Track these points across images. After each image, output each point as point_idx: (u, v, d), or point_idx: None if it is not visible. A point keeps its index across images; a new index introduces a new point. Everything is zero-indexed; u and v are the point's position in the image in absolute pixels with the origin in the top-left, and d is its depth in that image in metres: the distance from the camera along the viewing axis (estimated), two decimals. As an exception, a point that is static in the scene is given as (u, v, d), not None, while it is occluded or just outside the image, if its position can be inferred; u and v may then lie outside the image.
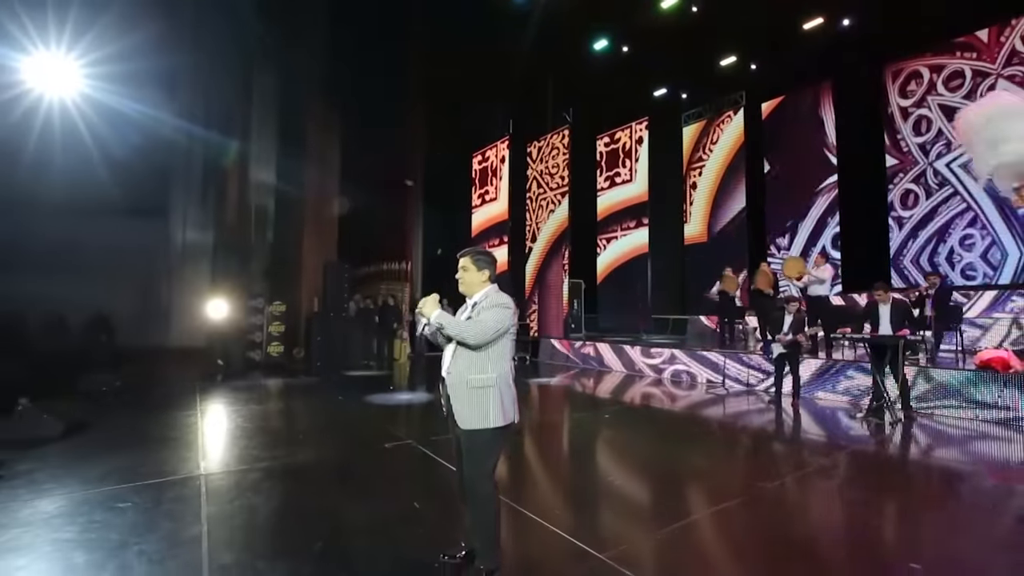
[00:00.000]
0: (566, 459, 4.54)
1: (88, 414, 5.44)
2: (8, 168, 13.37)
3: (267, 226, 12.37)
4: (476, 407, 2.19)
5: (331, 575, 2.31)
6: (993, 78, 8.62)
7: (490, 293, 2.36)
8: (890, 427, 5.28)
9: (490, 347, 2.22)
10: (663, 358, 9.03)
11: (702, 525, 2.90)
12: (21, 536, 2.63)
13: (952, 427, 5.32)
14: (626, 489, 3.60)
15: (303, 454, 4.27)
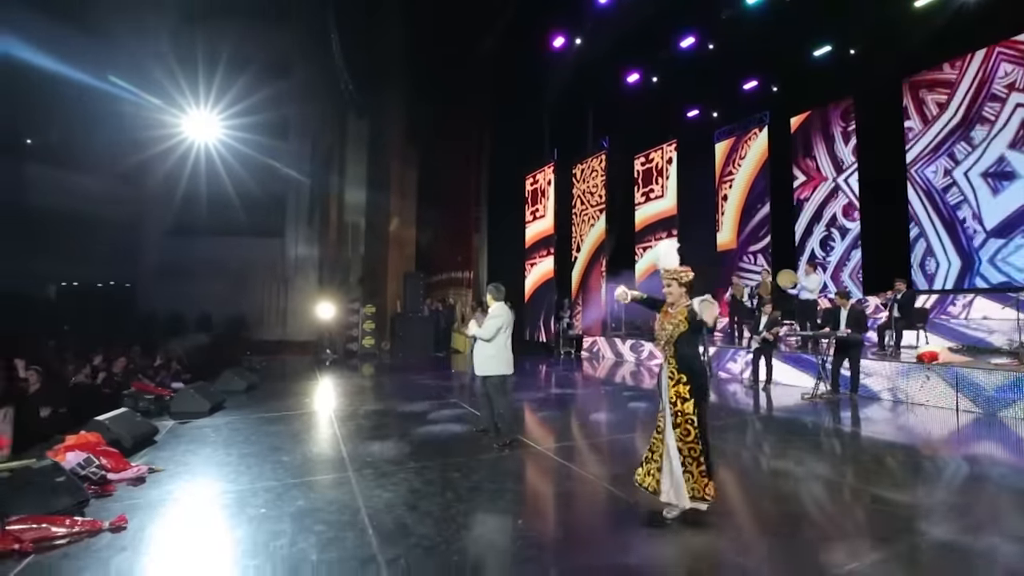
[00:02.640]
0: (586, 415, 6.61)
1: (253, 381, 8.30)
2: (169, 200, 17.60)
3: (360, 243, 15.36)
4: (487, 365, 4.54)
5: (414, 452, 4.61)
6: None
7: (493, 309, 4.63)
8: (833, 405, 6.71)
9: (496, 338, 4.54)
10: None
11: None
12: (239, 427, 5.23)
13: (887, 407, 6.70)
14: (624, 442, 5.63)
15: (383, 404, 6.71)
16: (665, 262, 3.16)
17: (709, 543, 2.78)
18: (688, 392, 2.98)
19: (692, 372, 3.01)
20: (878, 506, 3.30)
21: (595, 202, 13.84)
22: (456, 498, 3.45)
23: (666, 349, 3.08)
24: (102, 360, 6.54)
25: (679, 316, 3.01)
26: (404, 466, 4.15)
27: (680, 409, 2.98)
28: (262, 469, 4.08)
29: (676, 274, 3.09)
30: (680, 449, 2.97)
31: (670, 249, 3.18)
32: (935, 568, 2.57)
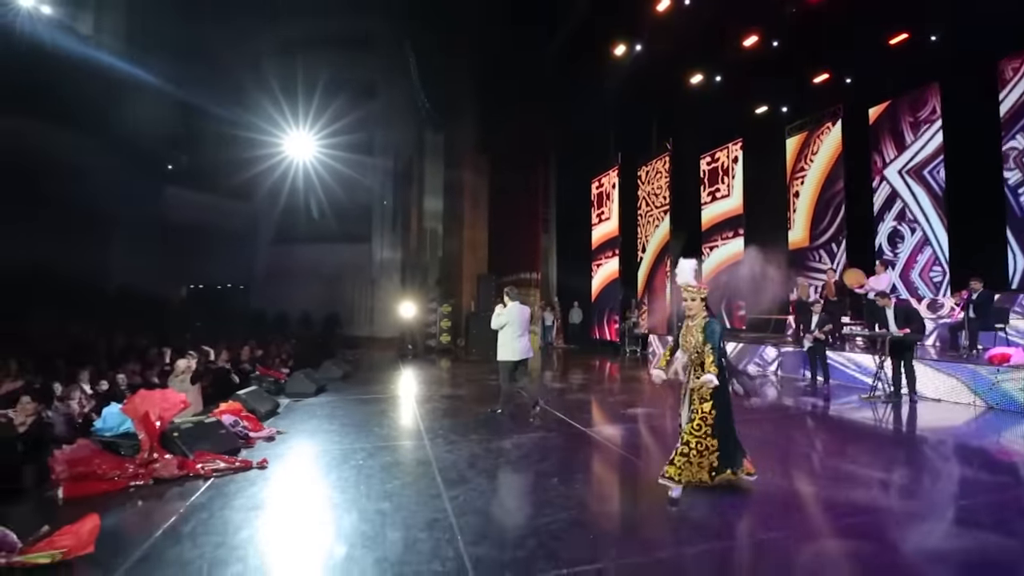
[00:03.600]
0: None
1: (348, 370, 9.67)
2: (271, 212, 19.97)
3: (437, 247, 16.69)
4: (502, 351, 5.55)
5: (477, 428, 5.53)
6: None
7: (507, 307, 5.80)
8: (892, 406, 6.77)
9: (504, 328, 5.49)
10: (763, 353, 10.60)
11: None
12: (338, 405, 6.40)
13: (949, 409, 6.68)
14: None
15: (454, 391, 7.70)
16: (684, 279, 3.57)
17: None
18: (708, 394, 3.34)
19: (718, 376, 3.33)
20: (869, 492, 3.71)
21: (659, 203, 14.14)
22: (506, 461, 4.29)
23: (693, 357, 3.48)
24: (231, 350, 8.09)
25: (699, 329, 3.43)
26: (467, 438, 5.05)
27: (698, 408, 3.36)
28: (358, 435, 5.16)
29: (694, 291, 3.49)
30: (688, 441, 3.32)
31: (688, 267, 3.59)
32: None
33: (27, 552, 2.52)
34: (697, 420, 3.32)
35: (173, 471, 3.73)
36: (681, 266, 3.63)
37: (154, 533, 2.94)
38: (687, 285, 3.53)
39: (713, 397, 3.32)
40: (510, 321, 5.78)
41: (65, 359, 8.09)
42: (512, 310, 5.82)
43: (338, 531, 2.98)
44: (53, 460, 3.38)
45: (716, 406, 3.33)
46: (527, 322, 5.93)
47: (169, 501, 3.43)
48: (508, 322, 5.78)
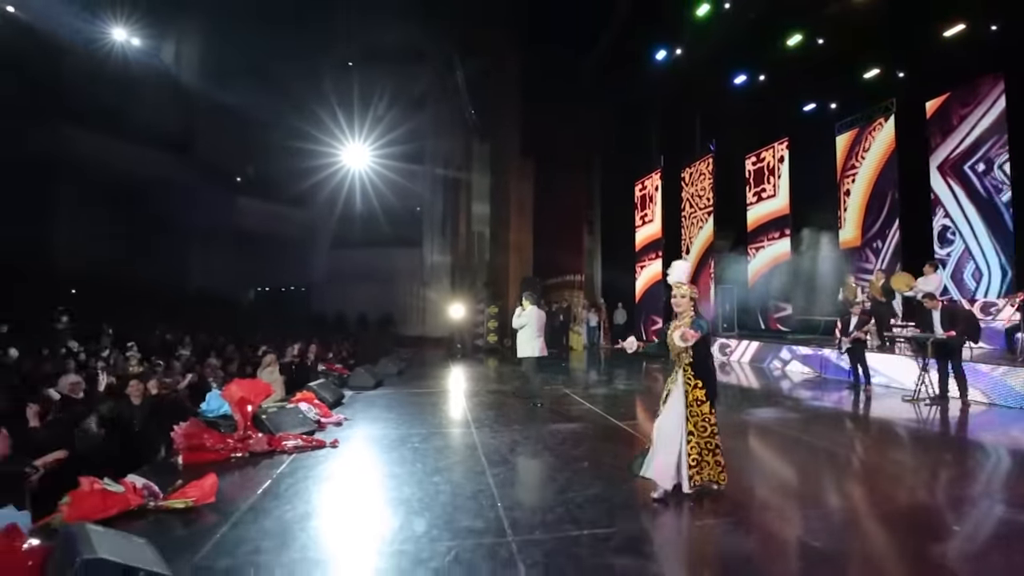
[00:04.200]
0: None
1: (402, 366, 10.46)
2: (329, 217, 21.26)
3: (485, 251, 17.38)
4: (522, 349, 6.14)
5: (520, 419, 6.09)
6: None
7: (526, 309, 6.33)
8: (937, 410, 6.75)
9: (524, 329, 6.05)
10: (801, 354, 10.59)
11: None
12: (396, 397, 7.10)
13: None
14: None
15: (500, 386, 8.28)
16: (675, 278, 3.64)
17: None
18: (704, 395, 3.41)
19: (707, 377, 3.44)
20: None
21: (703, 205, 14.22)
22: (544, 447, 4.81)
23: (682, 357, 3.47)
24: (299, 347, 9.02)
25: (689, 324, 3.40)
26: (510, 427, 5.62)
27: (698, 411, 3.40)
28: (413, 423, 5.83)
29: (685, 288, 3.55)
30: (698, 444, 3.39)
31: (681, 267, 3.68)
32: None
33: (168, 499, 3.28)
34: (700, 423, 3.39)
35: (263, 447, 4.50)
36: (674, 266, 3.71)
37: (255, 492, 3.67)
38: (678, 283, 3.57)
39: (708, 399, 3.42)
40: (529, 322, 6.45)
41: (160, 352, 9.29)
42: (531, 313, 6.48)
43: (399, 497, 3.61)
44: (174, 434, 4.21)
45: (712, 405, 3.43)
46: (543, 324, 6.65)
47: (262, 470, 4.18)
48: (527, 323, 6.45)
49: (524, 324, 6.49)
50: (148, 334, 11.98)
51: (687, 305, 3.54)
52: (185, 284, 19.57)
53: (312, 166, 18.42)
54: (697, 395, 3.40)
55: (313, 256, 22.19)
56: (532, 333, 6.48)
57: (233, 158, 20.48)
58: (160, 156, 17.50)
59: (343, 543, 2.98)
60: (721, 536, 3.09)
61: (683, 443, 3.40)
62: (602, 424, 5.82)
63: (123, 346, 9.85)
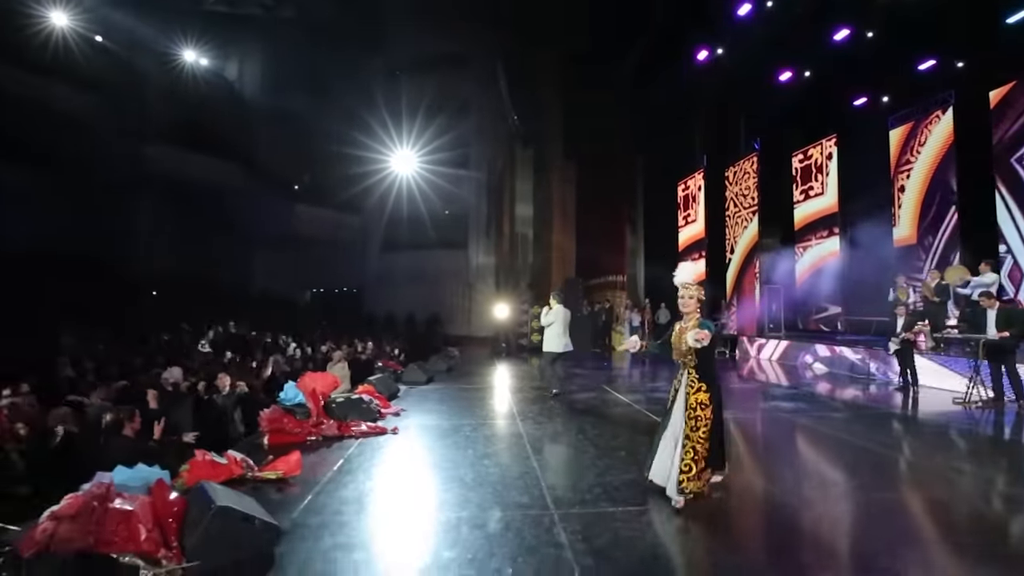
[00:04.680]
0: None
1: (451, 364, 11.04)
2: (379, 221, 22.17)
3: (528, 252, 17.82)
4: (548, 344, 6.69)
5: (561, 412, 6.50)
6: None
7: (553, 308, 6.85)
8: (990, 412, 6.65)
9: (551, 326, 6.53)
10: (858, 355, 10.43)
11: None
12: (446, 392, 7.64)
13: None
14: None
15: (543, 383, 8.67)
16: (682, 279, 3.60)
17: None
18: (708, 399, 3.37)
19: (711, 380, 3.41)
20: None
21: (748, 204, 14.14)
22: (584, 438, 5.20)
23: (687, 360, 3.45)
24: (359, 345, 9.75)
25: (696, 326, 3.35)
26: (553, 420, 6.03)
27: (700, 414, 3.36)
28: (463, 415, 6.34)
29: (692, 288, 3.51)
30: (693, 449, 3.32)
31: (687, 268, 3.68)
32: None
33: (262, 470, 3.88)
34: (702, 428, 3.35)
35: (334, 431, 5.10)
36: (680, 267, 3.69)
37: (332, 468, 4.25)
38: (684, 283, 3.55)
39: (712, 401, 3.38)
40: (556, 320, 6.98)
41: (233, 349, 10.25)
42: (558, 311, 7.02)
43: (454, 475, 4.09)
44: (260, 418, 4.86)
45: (715, 410, 3.40)
46: (569, 322, 7.16)
47: (334, 451, 4.77)
48: (554, 321, 6.99)
49: (552, 322, 7.04)
50: (222, 332, 13.09)
51: (694, 306, 3.49)
52: (249, 286, 20.98)
53: (362, 172, 19.34)
54: (700, 399, 3.37)
55: (364, 259, 23.22)
56: (558, 331, 7.03)
57: (292, 167, 21.78)
58: (227, 167, 18.85)
59: (410, 509, 3.49)
60: (749, 513, 3.40)
61: (679, 447, 3.37)
62: (642, 420, 6.13)
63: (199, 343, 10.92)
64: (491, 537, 3.02)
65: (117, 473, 2.74)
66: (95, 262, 17.49)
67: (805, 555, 2.93)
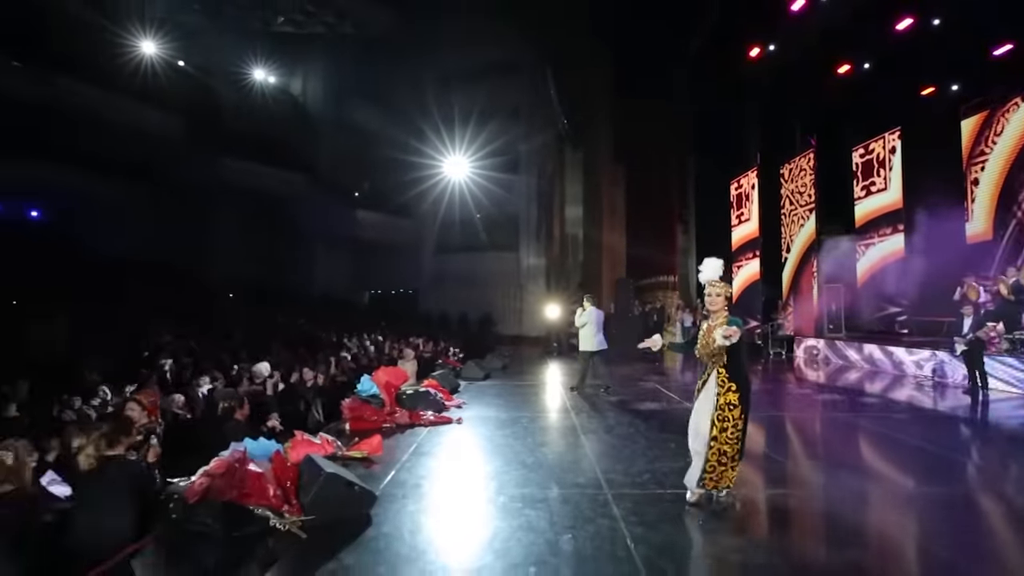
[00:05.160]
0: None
1: (505, 362, 11.54)
2: (432, 224, 22.99)
3: (579, 253, 18.13)
4: (583, 344, 7.10)
5: (613, 407, 6.85)
6: None
7: (586, 310, 7.30)
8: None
9: (585, 327, 6.98)
10: (921, 357, 10.20)
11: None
12: (502, 387, 8.12)
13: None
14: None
15: (594, 381, 9.01)
16: (708, 276, 3.53)
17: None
18: (737, 399, 3.32)
19: (740, 380, 3.35)
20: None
21: (804, 202, 13.88)
22: (636, 431, 5.54)
23: (715, 360, 3.37)
24: (422, 343, 10.44)
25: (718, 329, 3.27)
26: (604, 413, 6.40)
27: (729, 415, 3.31)
28: (520, 408, 6.81)
29: (719, 286, 3.44)
30: (719, 450, 3.32)
31: (714, 265, 3.56)
32: None
33: (349, 450, 4.49)
34: (731, 428, 3.31)
35: (406, 420, 5.69)
36: (706, 264, 3.62)
37: (408, 451, 4.82)
38: (711, 281, 3.48)
39: (741, 402, 3.33)
40: (589, 321, 7.48)
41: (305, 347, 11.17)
42: (590, 313, 7.51)
43: (515, 459, 4.55)
44: (343, 406, 5.51)
45: (744, 411, 3.34)
46: (602, 322, 7.65)
47: (407, 436, 5.35)
48: (587, 322, 7.48)
49: (585, 323, 7.55)
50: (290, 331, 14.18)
51: (722, 304, 3.43)
52: (312, 288, 22.36)
53: (417, 178, 20.21)
54: (730, 399, 3.32)
55: (419, 261, 24.17)
56: (592, 330, 7.54)
57: (352, 175, 23.03)
58: (292, 176, 20.19)
59: (478, 485, 3.98)
60: (801, 507, 3.67)
61: (705, 448, 3.36)
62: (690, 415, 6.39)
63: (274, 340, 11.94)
64: (551, 509, 3.45)
65: (247, 444, 3.37)
66: (178, 268, 19.24)
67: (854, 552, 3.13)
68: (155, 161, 17.96)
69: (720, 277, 3.51)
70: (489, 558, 2.81)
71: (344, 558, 2.81)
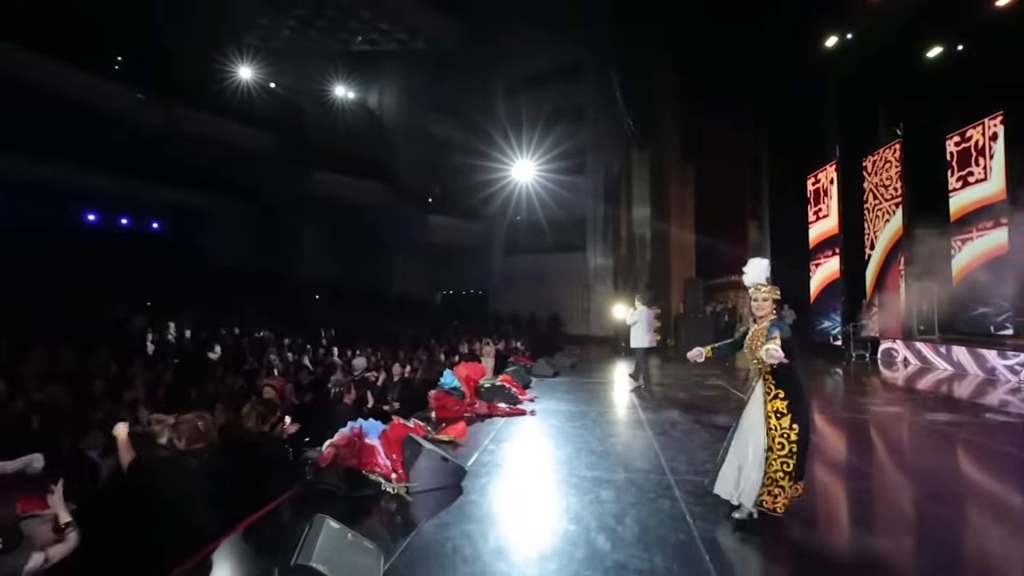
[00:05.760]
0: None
1: (574, 360, 11.97)
2: (500, 226, 23.73)
3: (646, 253, 18.16)
4: (634, 341, 7.59)
5: (681, 404, 7.15)
6: None
7: (637, 309, 7.82)
8: None
9: (636, 324, 7.53)
10: (1019, 361, 9.55)
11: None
12: (572, 384, 8.57)
13: None
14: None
15: (665, 380, 9.26)
16: (753, 279, 3.42)
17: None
18: (785, 407, 3.10)
19: (790, 387, 3.14)
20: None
21: (889, 195, 13.22)
22: (701, 426, 5.84)
23: (763, 365, 3.14)
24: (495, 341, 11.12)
25: (763, 334, 3.16)
26: (671, 410, 6.71)
27: (776, 424, 3.11)
28: (588, 403, 7.26)
29: (766, 291, 3.32)
30: (778, 462, 3.08)
31: (759, 267, 3.46)
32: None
33: (438, 435, 5.15)
34: (779, 439, 3.10)
35: (484, 411, 6.32)
36: (751, 265, 3.48)
37: (488, 437, 5.43)
38: (757, 285, 3.37)
39: (791, 410, 3.12)
40: (640, 320, 8.11)
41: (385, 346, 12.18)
42: (641, 312, 8.15)
43: (585, 446, 5.03)
44: (430, 397, 6.22)
45: (797, 419, 3.11)
46: (652, 320, 8.34)
47: (487, 425, 5.97)
48: (639, 320, 8.11)
49: (636, 321, 8.19)
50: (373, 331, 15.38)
51: (769, 308, 3.28)
52: (389, 290, 23.84)
53: (486, 182, 21.02)
54: (777, 406, 3.12)
55: (488, 263, 25.06)
56: (643, 328, 8.16)
57: (425, 181, 24.31)
58: (371, 185, 21.65)
59: (552, 467, 4.50)
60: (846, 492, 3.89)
61: (761, 460, 3.14)
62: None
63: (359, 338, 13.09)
64: (618, 488, 3.91)
65: (361, 423, 4.08)
66: (274, 272, 21.24)
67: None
68: (252, 177, 20.00)
69: (767, 279, 3.40)
70: (564, 523, 3.32)
71: (442, 517, 3.42)
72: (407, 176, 23.41)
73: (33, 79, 12.98)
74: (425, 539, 3.11)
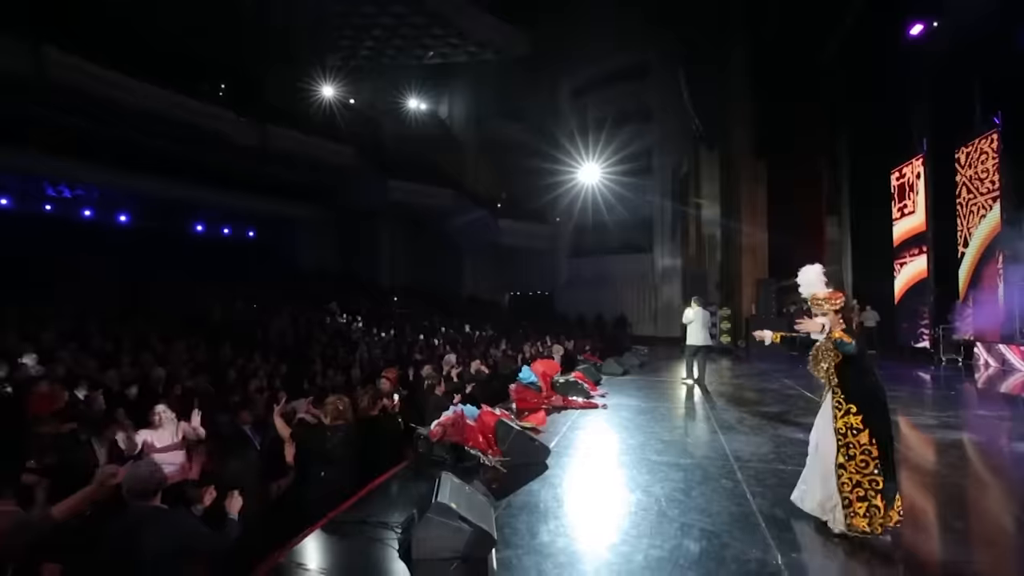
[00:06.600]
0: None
1: (642, 360, 12.36)
2: (567, 229, 24.23)
3: (716, 253, 18.10)
4: (690, 339, 8.11)
5: (748, 402, 7.49)
6: None
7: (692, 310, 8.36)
8: None
9: (692, 324, 8.04)
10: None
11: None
12: (639, 382, 9.04)
13: None
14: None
15: (735, 380, 9.50)
16: (808, 289, 3.32)
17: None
18: (861, 422, 2.94)
19: (863, 400, 2.98)
20: None
21: (985, 189, 12.56)
22: (768, 423, 6.19)
23: (829, 378, 3.07)
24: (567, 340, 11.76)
25: (828, 351, 3.05)
26: (739, 408, 7.08)
27: (852, 440, 2.95)
28: (658, 400, 7.75)
29: (823, 302, 3.16)
30: (850, 480, 2.94)
31: (812, 274, 3.37)
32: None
33: (521, 422, 5.86)
34: (859, 456, 2.94)
35: (559, 403, 6.99)
36: (802, 274, 3.39)
37: (565, 426, 6.10)
38: (814, 296, 3.22)
39: (867, 424, 2.95)
40: (695, 319, 8.64)
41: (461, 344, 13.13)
42: (696, 312, 8.69)
43: (653, 436, 5.58)
44: (511, 390, 6.97)
45: (876, 434, 2.94)
46: (707, 321, 8.98)
47: (563, 416, 6.63)
48: (694, 320, 8.64)
49: (691, 320, 8.78)
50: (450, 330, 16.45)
51: (835, 319, 3.11)
52: (460, 291, 25.03)
53: (552, 184, 21.63)
54: (851, 422, 2.97)
55: (555, 264, 25.69)
56: (699, 327, 8.72)
57: (494, 186, 25.33)
58: (442, 191, 22.88)
59: (625, 451, 5.09)
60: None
61: (833, 477, 3.00)
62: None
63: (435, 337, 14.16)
64: (685, 470, 4.45)
65: (462, 407, 4.87)
66: (356, 276, 22.98)
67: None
68: (335, 187, 21.78)
69: (826, 284, 3.32)
70: (637, 494, 3.92)
71: (532, 485, 4.12)
72: (475, 181, 24.52)
73: (156, 109, 15.01)
74: (521, 499, 3.82)
